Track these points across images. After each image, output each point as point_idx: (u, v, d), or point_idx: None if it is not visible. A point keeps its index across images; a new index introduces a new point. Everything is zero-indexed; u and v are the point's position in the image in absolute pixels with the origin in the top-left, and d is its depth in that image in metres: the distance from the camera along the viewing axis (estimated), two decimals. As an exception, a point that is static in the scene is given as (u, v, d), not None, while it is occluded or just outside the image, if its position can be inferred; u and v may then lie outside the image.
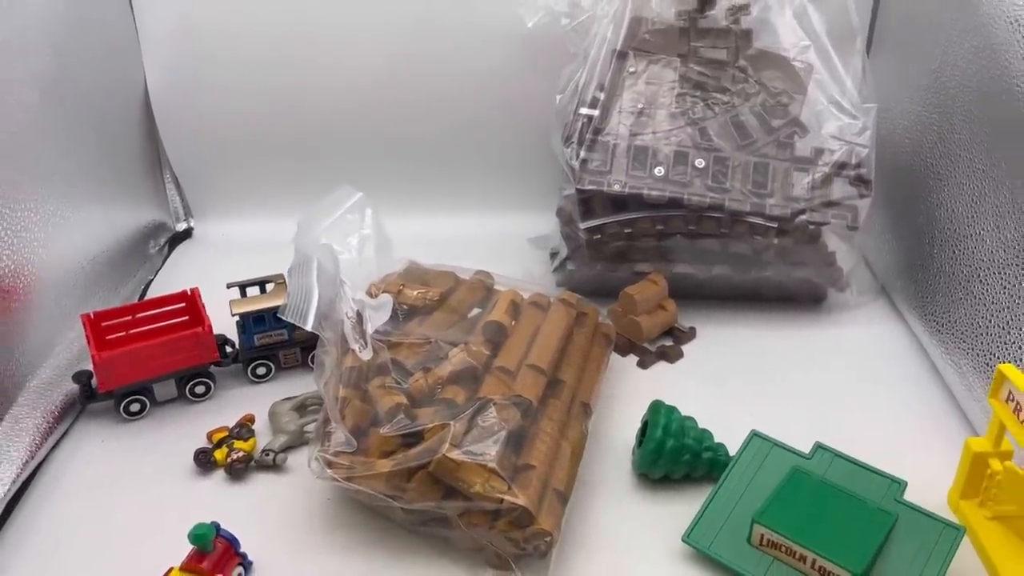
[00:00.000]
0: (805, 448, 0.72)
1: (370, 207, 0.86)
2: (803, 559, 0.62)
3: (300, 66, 1.04)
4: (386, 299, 0.79)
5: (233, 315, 0.83)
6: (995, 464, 0.68)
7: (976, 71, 0.80)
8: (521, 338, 0.77)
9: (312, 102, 1.06)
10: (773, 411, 0.81)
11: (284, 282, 0.86)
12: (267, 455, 0.75)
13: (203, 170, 1.10)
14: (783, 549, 0.63)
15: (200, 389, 0.83)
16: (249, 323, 0.83)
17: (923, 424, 0.80)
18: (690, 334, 0.92)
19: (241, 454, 0.75)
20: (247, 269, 0.89)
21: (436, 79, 1.04)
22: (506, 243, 1.03)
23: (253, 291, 0.86)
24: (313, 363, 0.85)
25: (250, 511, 0.71)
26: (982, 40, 0.78)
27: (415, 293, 0.81)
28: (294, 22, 1.02)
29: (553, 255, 0.96)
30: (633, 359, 0.89)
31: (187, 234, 1.13)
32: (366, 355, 0.73)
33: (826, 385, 0.85)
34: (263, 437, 0.78)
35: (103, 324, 0.81)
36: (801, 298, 0.96)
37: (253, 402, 0.82)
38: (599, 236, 0.89)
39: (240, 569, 0.66)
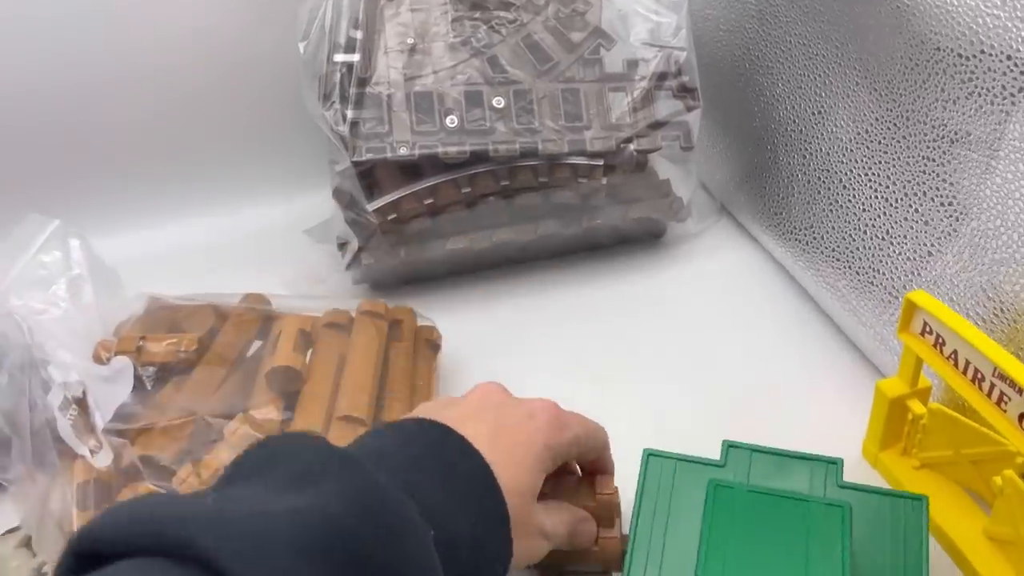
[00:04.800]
0: (706, 437, 0.57)
1: (76, 237, 0.63)
2: (772, 604, 0.49)
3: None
4: (122, 364, 0.57)
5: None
6: (916, 407, 0.57)
7: (795, -62, 0.66)
8: (322, 380, 0.57)
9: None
10: (648, 388, 0.67)
11: None
12: (-9, 629, 0.52)
13: None
14: None
15: None
16: None
17: (811, 364, 0.69)
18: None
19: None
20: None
21: (139, 52, 0.78)
22: (277, 241, 0.81)
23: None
24: None
25: None
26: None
27: (163, 346, 0.59)
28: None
29: (341, 246, 0.76)
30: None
31: None
32: (103, 459, 0.51)
33: (695, 340, 0.72)
34: (-18, 601, 0.55)
35: None
36: (638, 238, 0.82)
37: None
38: (394, 215, 0.70)
39: None
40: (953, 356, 0.52)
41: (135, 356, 0.58)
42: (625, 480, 0.56)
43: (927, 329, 0.54)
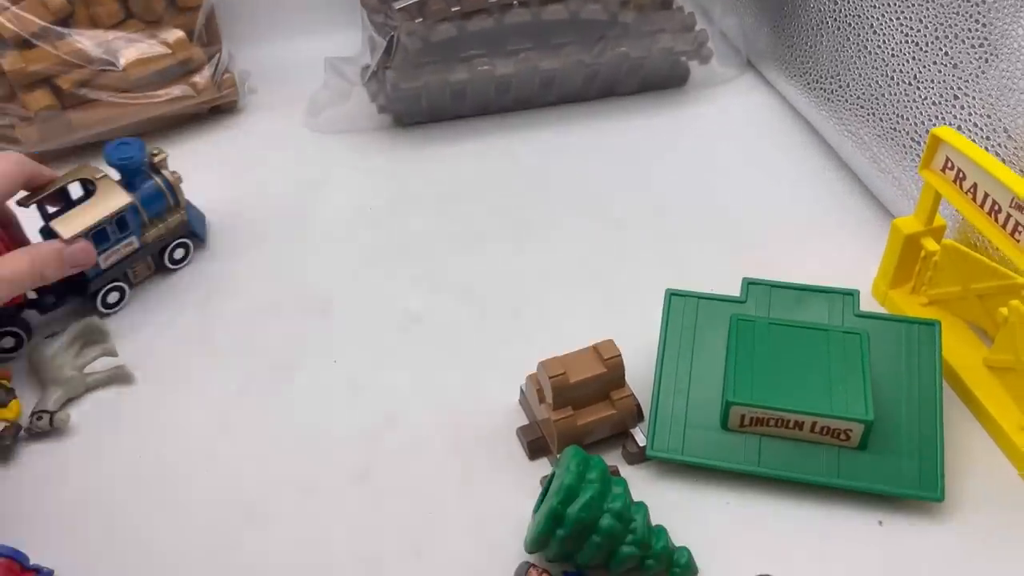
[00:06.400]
0: (726, 278, 0.59)
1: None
2: (799, 425, 0.51)
3: None
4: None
5: (68, 240, 0.57)
6: (930, 244, 0.59)
7: None
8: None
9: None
10: (669, 230, 0.69)
11: (91, 176, 0.61)
12: (40, 419, 0.55)
13: None
14: (771, 423, 0.52)
15: (7, 343, 0.60)
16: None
17: (827, 211, 0.70)
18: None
19: (4, 425, 0.55)
20: None
21: None
22: (304, 73, 0.81)
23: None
24: (173, 262, 0.66)
25: (31, 502, 0.52)
26: None
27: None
28: None
29: (365, 69, 0.76)
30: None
31: None
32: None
33: (715, 185, 0.73)
34: (30, 397, 0.57)
35: None
36: (662, 83, 0.82)
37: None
38: (421, 19, 0.70)
39: None
40: (972, 190, 0.53)
41: None
42: (649, 323, 0.58)
43: (948, 164, 0.55)
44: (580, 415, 0.53)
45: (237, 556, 0.50)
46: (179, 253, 0.65)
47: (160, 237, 0.64)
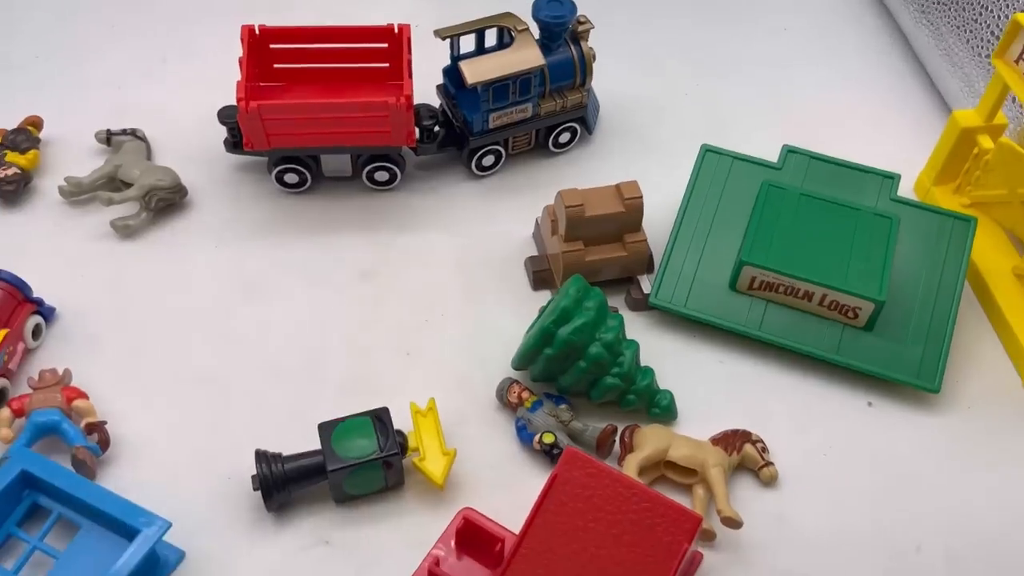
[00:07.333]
0: (766, 150, 0.57)
1: None
2: (808, 296, 0.50)
3: None
4: None
5: (470, 85, 0.54)
6: (985, 141, 0.56)
7: None
8: None
9: None
10: (714, 83, 0.66)
11: (513, 25, 0.56)
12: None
13: None
14: (781, 289, 0.50)
15: (382, 176, 0.58)
16: (487, 95, 0.55)
17: (884, 95, 0.67)
18: None
19: (14, 171, 0.55)
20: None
21: None
22: None
23: (467, 41, 0.57)
24: (558, 145, 0.61)
25: (40, 247, 0.54)
26: None
27: None
28: None
29: None
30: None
31: None
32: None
33: (771, 49, 0.69)
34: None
35: (270, 47, 0.56)
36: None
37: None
38: None
39: (38, 319, 0.49)
40: (1045, 85, 0.50)
41: None
42: (679, 179, 0.56)
43: (1024, 56, 0.51)
44: (590, 252, 0.52)
45: (235, 325, 0.51)
46: (565, 137, 0.60)
47: (552, 113, 0.58)
